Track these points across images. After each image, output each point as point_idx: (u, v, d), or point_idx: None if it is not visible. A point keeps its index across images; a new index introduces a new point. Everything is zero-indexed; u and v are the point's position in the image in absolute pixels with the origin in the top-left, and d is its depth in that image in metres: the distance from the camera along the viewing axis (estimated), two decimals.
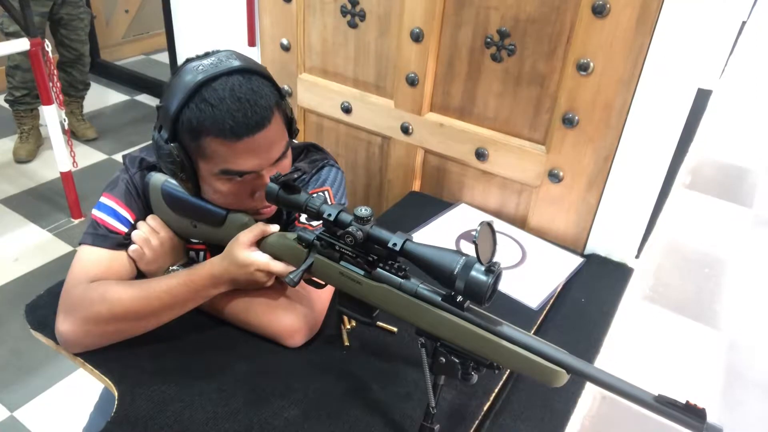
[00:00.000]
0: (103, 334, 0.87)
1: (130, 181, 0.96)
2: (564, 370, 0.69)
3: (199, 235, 0.96)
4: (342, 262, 0.81)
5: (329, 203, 0.82)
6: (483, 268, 0.68)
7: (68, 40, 2.81)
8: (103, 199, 0.94)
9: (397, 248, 0.75)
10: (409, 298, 0.76)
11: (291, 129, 0.91)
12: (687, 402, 0.63)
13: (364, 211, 0.76)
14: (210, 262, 0.88)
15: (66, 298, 0.88)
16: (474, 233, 0.66)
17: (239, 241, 0.86)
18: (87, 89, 3.04)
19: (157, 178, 0.96)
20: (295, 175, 1.00)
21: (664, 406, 0.64)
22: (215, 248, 1.00)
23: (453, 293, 0.73)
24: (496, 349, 0.71)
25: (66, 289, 0.88)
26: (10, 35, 2.45)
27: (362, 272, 0.79)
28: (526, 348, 0.71)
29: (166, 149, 0.85)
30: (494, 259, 0.68)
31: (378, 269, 0.78)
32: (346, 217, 0.78)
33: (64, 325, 0.86)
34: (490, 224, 0.67)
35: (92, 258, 0.91)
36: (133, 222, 0.94)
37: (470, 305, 0.74)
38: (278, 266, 0.86)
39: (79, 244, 0.93)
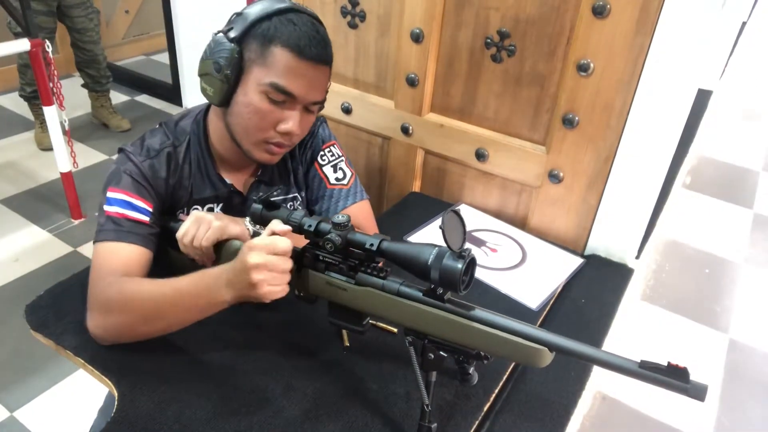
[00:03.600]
0: (132, 330, 0.87)
1: (136, 169, 0.94)
2: (546, 348, 0.70)
3: (198, 268, 0.98)
4: (327, 272, 0.83)
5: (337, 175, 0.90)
6: (455, 256, 0.70)
7: (81, 42, 2.89)
8: (112, 194, 0.92)
9: (374, 248, 0.78)
10: (392, 297, 0.78)
11: (321, 107, 0.99)
12: (669, 363, 0.64)
13: (341, 218, 0.80)
14: (220, 266, 0.85)
15: (103, 293, 0.87)
16: (438, 222, 0.67)
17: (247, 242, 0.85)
18: (110, 81, 3.12)
19: None
20: (275, 192, 1.05)
21: (649, 371, 0.65)
22: (228, 207, 1.05)
23: (432, 286, 0.75)
24: (479, 336, 0.73)
25: (99, 287, 0.87)
26: (18, 35, 2.48)
27: (346, 278, 0.82)
28: (506, 330, 0.72)
29: (227, 46, 0.90)
30: (465, 246, 0.70)
31: (360, 273, 0.81)
32: (325, 226, 0.81)
33: (102, 323, 0.87)
34: (456, 212, 0.69)
35: (116, 253, 0.89)
36: (151, 210, 0.93)
37: (450, 297, 0.76)
38: (281, 242, 0.80)
39: (96, 242, 0.91)
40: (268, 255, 0.78)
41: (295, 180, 1.11)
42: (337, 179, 1.10)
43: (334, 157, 1.11)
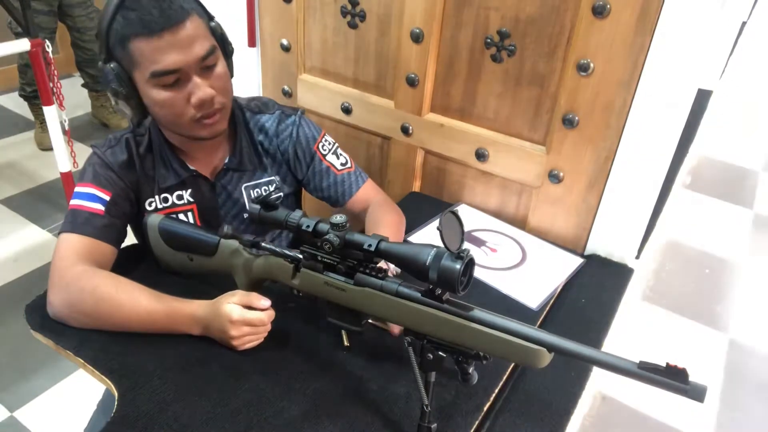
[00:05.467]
0: (81, 320, 0.91)
1: (98, 159, 0.99)
2: (545, 349, 0.70)
3: (195, 267, 1.00)
4: (326, 272, 0.84)
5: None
6: (453, 256, 0.70)
7: (81, 41, 2.89)
8: (77, 189, 0.98)
9: (372, 249, 0.78)
10: (391, 297, 0.78)
11: (224, 47, 0.97)
12: (668, 364, 0.64)
13: (339, 218, 0.80)
14: (197, 303, 0.90)
15: (62, 274, 0.91)
16: (437, 223, 0.68)
17: (232, 294, 0.89)
18: None
19: (154, 218, 1.00)
20: (273, 194, 1.05)
21: (648, 372, 0.65)
22: (203, 208, 1.07)
23: (431, 287, 0.75)
24: (477, 336, 0.73)
25: (61, 267, 0.91)
26: (19, 35, 2.48)
27: (345, 279, 0.82)
28: (505, 331, 0.72)
29: (107, 71, 0.90)
30: (464, 247, 0.70)
31: (359, 274, 0.81)
32: (323, 226, 0.81)
33: (56, 298, 0.91)
34: (454, 212, 0.69)
35: (76, 243, 0.93)
36: (108, 199, 0.97)
37: (449, 297, 0.76)
38: (254, 315, 0.87)
39: (59, 233, 0.95)
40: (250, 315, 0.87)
41: (271, 164, 1.12)
42: (342, 164, 1.15)
43: (331, 145, 1.15)
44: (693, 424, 1.66)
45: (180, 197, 1.06)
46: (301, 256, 0.86)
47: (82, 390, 1.70)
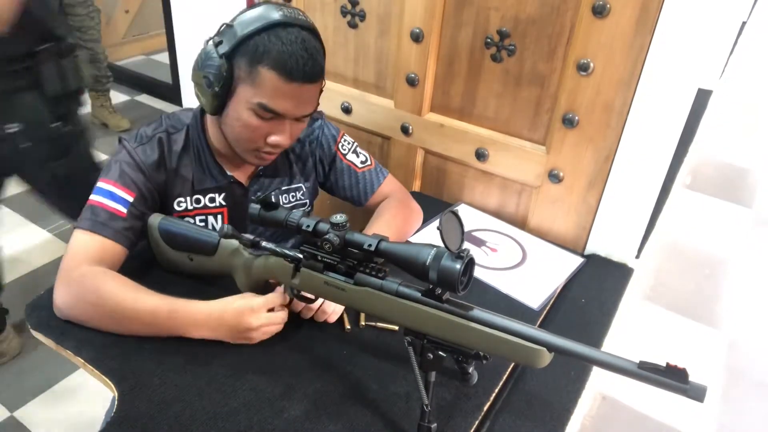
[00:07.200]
0: (84, 318, 0.90)
1: (128, 157, 0.98)
2: (545, 349, 0.70)
3: (195, 267, 1.00)
4: (326, 272, 0.84)
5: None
6: (453, 256, 0.70)
7: (82, 41, 2.90)
8: (100, 184, 0.97)
9: (372, 248, 0.78)
10: (391, 297, 0.78)
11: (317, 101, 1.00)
12: (668, 364, 0.64)
13: (339, 217, 0.80)
14: (203, 303, 0.89)
15: (68, 273, 0.91)
16: (437, 223, 0.68)
17: (251, 294, 0.90)
18: (110, 81, 3.13)
19: (155, 218, 1.00)
20: (272, 196, 1.06)
21: (648, 371, 0.65)
22: (233, 212, 1.07)
23: (431, 286, 0.76)
24: (477, 336, 0.73)
25: (68, 267, 0.91)
26: None
27: (345, 278, 0.82)
28: (505, 331, 0.72)
29: (216, 61, 0.90)
30: (464, 246, 0.70)
31: (359, 273, 0.81)
32: (324, 226, 0.82)
33: (60, 296, 0.91)
34: (454, 212, 0.69)
35: (90, 243, 0.93)
36: (131, 200, 0.96)
37: (449, 297, 0.76)
38: (275, 298, 0.89)
39: (75, 228, 0.95)
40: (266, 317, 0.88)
41: (301, 171, 1.13)
42: (362, 162, 1.17)
43: (350, 145, 1.17)
44: (693, 424, 1.66)
45: (212, 200, 1.06)
46: (301, 256, 0.86)
47: (82, 390, 1.70)
